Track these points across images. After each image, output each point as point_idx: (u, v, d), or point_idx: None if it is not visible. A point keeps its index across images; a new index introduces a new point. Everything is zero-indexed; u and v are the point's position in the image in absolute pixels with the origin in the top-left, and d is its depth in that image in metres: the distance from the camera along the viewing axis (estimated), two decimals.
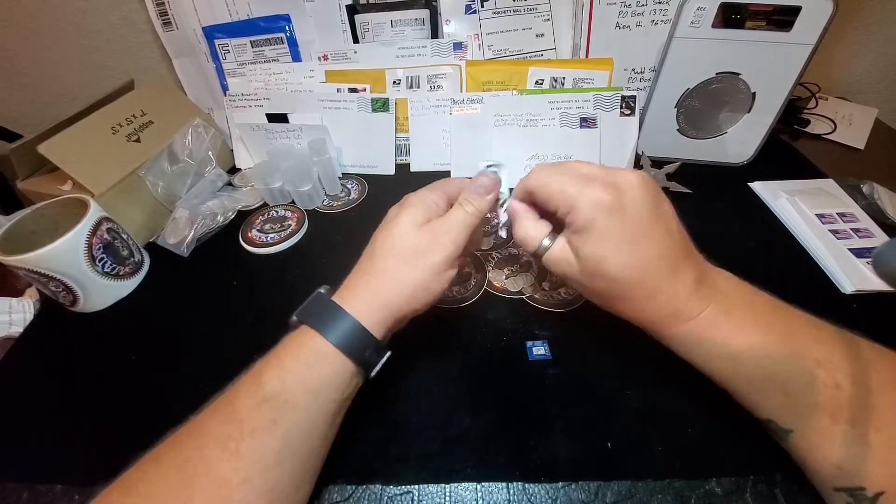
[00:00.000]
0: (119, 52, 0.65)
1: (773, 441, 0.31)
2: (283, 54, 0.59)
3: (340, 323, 0.27)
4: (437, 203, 0.31)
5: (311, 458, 0.27)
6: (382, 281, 0.29)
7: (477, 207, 0.31)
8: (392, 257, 0.29)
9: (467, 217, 0.30)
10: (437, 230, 0.30)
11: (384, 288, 0.28)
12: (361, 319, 0.27)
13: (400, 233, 0.29)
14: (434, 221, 0.30)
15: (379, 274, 0.29)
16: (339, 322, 0.27)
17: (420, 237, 0.29)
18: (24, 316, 0.44)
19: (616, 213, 0.26)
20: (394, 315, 0.29)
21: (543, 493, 0.30)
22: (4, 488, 0.31)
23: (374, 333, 0.28)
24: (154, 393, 0.37)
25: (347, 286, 0.29)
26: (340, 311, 0.28)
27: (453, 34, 0.58)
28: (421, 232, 0.29)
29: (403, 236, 0.29)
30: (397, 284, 0.29)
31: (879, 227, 0.46)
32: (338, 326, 0.27)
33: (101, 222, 0.42)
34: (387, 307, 0.28)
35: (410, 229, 0.29)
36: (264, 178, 0.53)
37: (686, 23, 0.49)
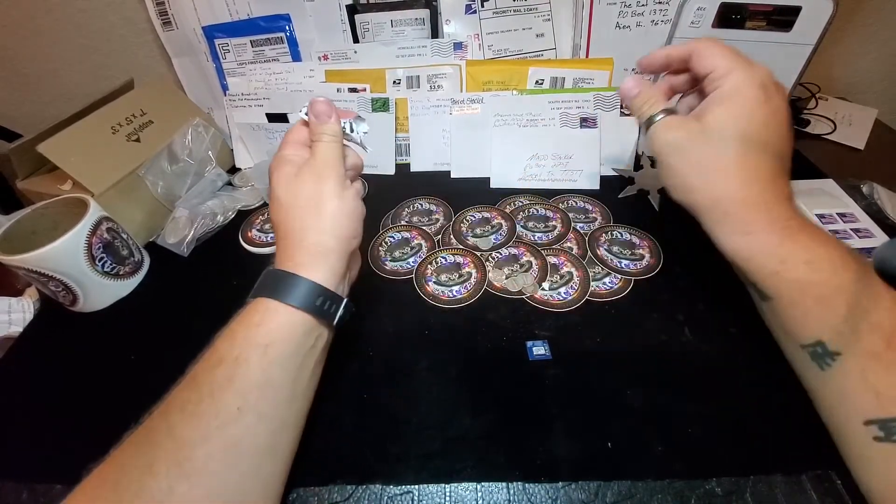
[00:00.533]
0: (119, 52, 0.65)
1: (772, 441, 0.31)
2: (283, 54, 0.59)
3: (282, 282, 0.28)
4: (293, 154, 0.32)
5: (276, 415, 0.27)
6: (300, 234, 0.29)
7: (328, 132, 0.31)
8: (292, 211, 0.30)
9: (328, 144, 0.31)
10: (312, 170, 0.30)
11: (302, 238, 0.29)
12: (301, 272, 0.28)
13: (284, 191, 0.30)
14: (303, 166, 0.31)
15: (293, 232, 0.29)
16: (280, 282, 0.28)
17: (302, 183, 0.30)
18: (23, 315, 0.44)
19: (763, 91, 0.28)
20: (331, 256, 0.29)
21: (543, 493, 0.29)
22: (4, 488, 0.31)
23: (322, 283, 0.28)
24: (154, 393, 0.36)
25: (279, 254, 0.30)
26: (280, 272, 0.29)
27: (453, 34, 0.58)
28: (299, 179, 0.30)
29: (287, 189, 0.30)
30: (314, 227, 0.29)
31: (879, 228, 0.46)
32: (285, 286, 0.28)
33: (101, 222, 0.42)
34: (326, 250, 0.29)
35: (289, 182, 0.30)
36: (264, 178, 0.53)
37: (686, 23, 0.49)
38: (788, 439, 0.31)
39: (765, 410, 0.32)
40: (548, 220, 0.50)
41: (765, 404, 0.33)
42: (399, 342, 0.39)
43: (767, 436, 0.31)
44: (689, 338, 0.38)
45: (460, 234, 0.49)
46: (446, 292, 0.43)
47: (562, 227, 0.49)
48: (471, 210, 0.52)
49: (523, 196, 0.54)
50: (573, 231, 0.49)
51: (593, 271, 0.44)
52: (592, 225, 0.49)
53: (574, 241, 0.48)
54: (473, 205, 0.53)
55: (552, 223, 0.50)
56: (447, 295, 0.42)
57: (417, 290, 0.43)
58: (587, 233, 0.48)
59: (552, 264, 0.45)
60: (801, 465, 0.30)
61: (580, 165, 0.55)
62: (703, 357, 0.36)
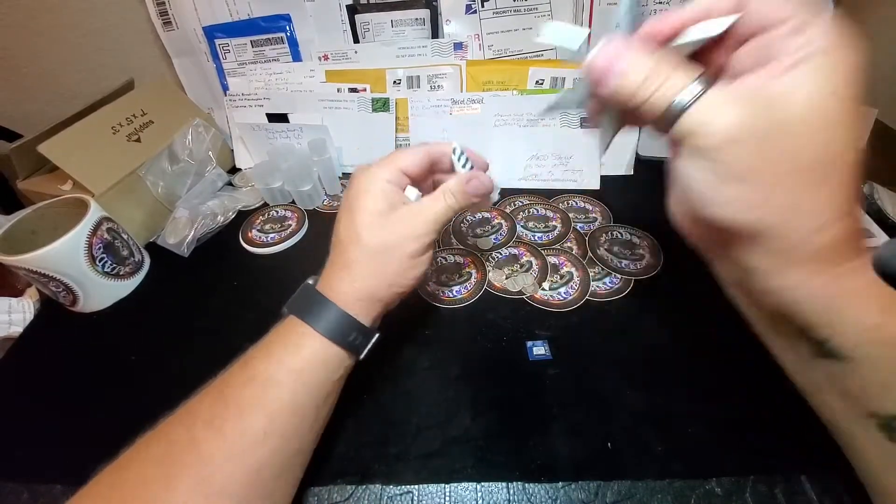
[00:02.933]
0: (119, 52, 0.65)
1: (772, 441, 0.31)
2: (284, 54, 0.59)
3: (325, 311, 0.28)
4: (393, 183, 0.30)
5: (296, 439, 0.27)
6: (357, 273, 0.28)
7: (459, 203, 0.30)
8: (362, 251, 0.28)
9: (447, 211, 0.29)
10: (409, 221, 0.29)
11: (360, 279, 0.28)
12: (345, 307, 0.28)
13: (365, 224, 0.28)
14: (403, 211, 0.29)
15: (353, 267, 0.28)
16: (323, 310, 0.28)
17: (388, 229, 0.28)
18: (23, 316, 0.44)
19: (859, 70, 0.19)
20: (375, 301, 0.29)
21: (543, 493, 0.30)
22: (4, 488, 0.31)
23: (358, 319, 0.28)
24: (154, 393, 0.37)
25: (325, 277, 0.30)
26: (324, 300, 0.28)
27: (453, 34, 0.58)
28: (389, 223, 0.28)
29: (370, 229, 0.28)
30: (372, 276, 0.29)
31: (879, 228, 0.46)
32: (322, 315, 0.28)
33: (102, 222, 0.42)
34: (367, 296, 0.29)
35: (375, 220, 0.28)
36: (264, 178, 0.53)
37: None
38: (788, 439, 0.31)
39: (765, 410, 0.32)
40: (548, 220, 0.50)
41: (765, 404, 0.33)
42: (399, 342, 0.39)
43: (767, 436, 0.31)
44: (689, 337, 0.38)
45: (460, 234, 0.49)
46: (446, 292, 0.43)
47: (562, 227, 0.49)
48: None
49: (523, 196, 0.54)
50: (573, 231, 0.49)
51: (593, 271, 0.44)
52: (592, 225, 0.49)
53: (574, 241, 0.48)
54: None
55: (552, 223, 0.50)
56: (447, 295, 0.42)
57: (417, 290, 0.43)
58: (587, 233, 0.48)
59: (552, 264, 0.45)
60: (801, 465, 0.30)
61: (580, 165, 0.55)
62: (704, 357, 0.36)
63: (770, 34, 0.19)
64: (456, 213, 0.30)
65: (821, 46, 0.18)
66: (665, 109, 0.20)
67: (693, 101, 0.19)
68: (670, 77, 0.20)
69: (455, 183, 0.30)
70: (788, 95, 0.18)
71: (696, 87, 0.19)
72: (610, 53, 0.21)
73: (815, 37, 0.18)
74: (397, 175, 0.30)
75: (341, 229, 0.30)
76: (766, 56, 0.19)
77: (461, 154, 0.31)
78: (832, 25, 0.18)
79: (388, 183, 0.29)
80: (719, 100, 0.19)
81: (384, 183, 0.29)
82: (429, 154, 0.31)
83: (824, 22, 0.18)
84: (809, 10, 0.18)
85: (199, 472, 0.23)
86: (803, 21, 0.18)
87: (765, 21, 0.19)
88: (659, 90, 0.20)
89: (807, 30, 0.18)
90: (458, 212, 0.30)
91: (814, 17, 0.18)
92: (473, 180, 0.30)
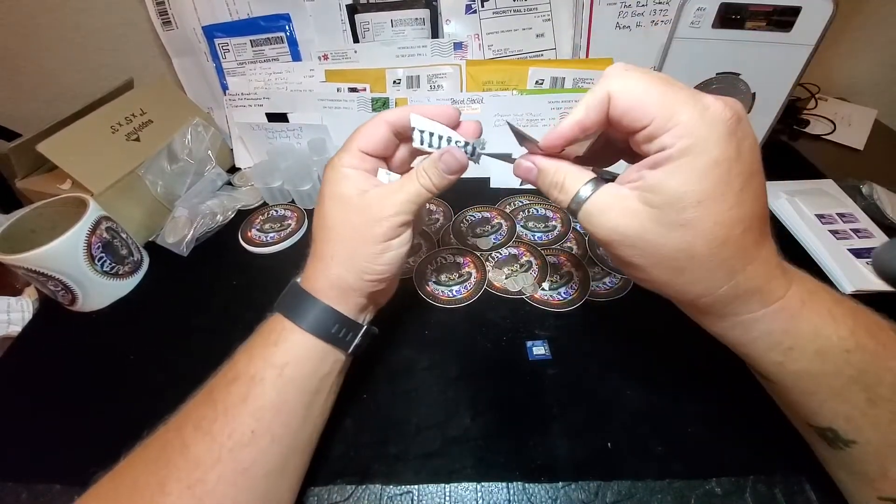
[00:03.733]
0: (119, 52, 0.65)
1: (772, 441, 0.31)
2: (283, 54, 0.59)
3: (304, 304, 0.28)
4: (356, 167, 0.28)
5: (288, 438, 0.26)
6: (329, 263, 0.28)
7: (435, 185, 0.27)
8: (331, 239, 0.28)
9: (419, 190, 0.27)
10: (376, 203, 0.27)
11: (333, 267, 0.28)
12: (323, 298, 0.28)
13: (330, 212, 0.28)
14: (371, 193, 0.27)
15: (325, 257, 0.28)
16: (303, 304, 0.28)
17: (354, 213, 0.27)
18: (22, 315, 0.44)
19: (733, 141, 0.20)
20: (351, 290, 0.28)
21: (543, 493, 0.29)
22: (4, 488, 0.31)
23: (339, 310, 0.28)
24: (153, 392, 0.37)
25: (306, 272, 0.29)
26: (303, 293, 0.28)
27: (453, 34, 0.58)
28: (354, 208, 0.27)
29: (335, 216, 0.27)
30: (343, 264, 0.28)
31: (879, 228, 0.46)
32: (302, 308, 0.27)
33: (101, 221, 0.42)
34: (341, 285, 0.28)
35: (340, 206, 0.27)
36: (264, 178, 0.53)
37: (686, 23, 0.49)
38: (788, 439, 0.31)
39: (765, 410, 0.32)
40: (548, 220, 0.50)
41: (765, 404, 0.33)
42: (399, 342, 0.39)
43: (767, 436, 0.31)
44: (688, 338, 0.37)
45: (460, 234, 0.49)
46: (446, 292, 0.43)
47: (562, 227, 0.49)
48: (471, 210, 0.52)
49: (523, 196, 0.54)
50: (573, 231, 0.49)
51: (593, 271, 0.44)
52: None
53: (574, 241, 0.48)
54: (473, 204, 0.53)
55: (552, 223, 0.50)
56: (447, 295, 0.42)
57: (417, 290, 0.43)
58: (587, 233, 0.48)
59: (552, 264, 0.45)
60: (801, 465, 0.30)
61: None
62: (703, 357, 0.36)
63: (635, 137, 0.22)
64: (435, 193, 0.28)
65: (670, 154, 0.20)
66: (567, 208, 0.25)
67: (579, 206, 0.24)
68: (565, 182, 0.24)
69: (428, 161, 0.28)
70: (667, 202, 0.20)
71: (589, 188, 0.23)
72: (525, 164, 0.27)
73: (667, 142, 0.20)
74: (358, 157, 0.28)
75: (315, 223, 0.29)
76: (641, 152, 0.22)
77: (421, 132, 0.28)
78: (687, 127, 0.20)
79: (351, 168, 0.28)
80: (600, 207, 0.23)
81: (346, 169, 0.28)
82: (389, 124, 0.28)
83: (677, 125, 0.20)
84: (664, 114, 0.20)
85: (189, 475, 0.23)
86: (657, 128, 0.20)
87: (631, 125, 0.21)
88: (560, 193, 0.25)
89: (659, 136, 0.20)
90: (439, 190, 0.28)
91: (666, 122, 0.20)
92: (445, 155, 0.27)
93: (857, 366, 0.22)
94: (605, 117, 0.22)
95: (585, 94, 0.22)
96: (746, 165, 0.20)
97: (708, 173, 0.20)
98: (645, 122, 0.20)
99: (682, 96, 0.20)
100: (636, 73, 0.21)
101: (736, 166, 0.20)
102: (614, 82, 0.21)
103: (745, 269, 0.21)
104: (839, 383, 0.22)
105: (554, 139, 0.24)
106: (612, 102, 0.21)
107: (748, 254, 0.21)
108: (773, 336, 0.22)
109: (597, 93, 0.22)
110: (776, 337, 0.22)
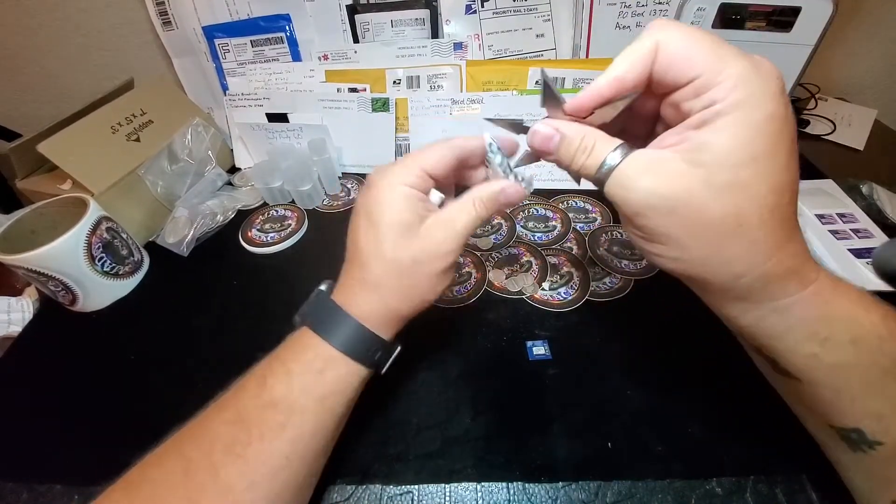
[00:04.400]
0: (119, 52, 0.65)
1: (772, 441, 0.31)
2: (283, 54, 0.59)
3: (345, 327, 0.26)
4: (417, 188, 0.26)
5: (317, 460, 0.27)
6: (381, 289, 0.26)
7: (490, 214, 0.27)
8: (389, 268, 0.26)
9: (476, 221, 0.26)
10: (437, 236, 0.26)
11: (388, 298, 0.27)
12: (366, 322, 0.26)
13: (390, 239, 0.25)
14: (430, 224, 0.26)
15: (376, 282, 0.26)
16: (343, 326, 0.26)
17: (417, 245, 0.26)
18: (22, 315, 0.44)
19: (785, 98, 0.18)
20: (402, 318, 0.28)
21: (543, 493, 0.29)
22: (4, 488, 0.31)
23: (380, 334, 0.27)
24: (153, 393, 0.37)
25: (345, 289, 0.27)
26: (344, 314, 0.26)
27: (453, 34, 0.58)
28: (417, 239, 0.26)
29: (396, 244, 0.25)
30: (400, 295, 0.27)
31: (879, 228, 0.46)
32: (343, 331, 0.26)
33: (101, 221, 0.42)
34: (394, 314, 0.27)
35: (401, 234, 0.25)
36: (264, 178, 0.53)
37: (686, 23, 0.49)
38: (788, 439, 0.31)
39: (765, 410, 0.32)
40: (548, 220, 0.50)
41: (765, 404, 0.33)
42: (399, 342, 0.38)
43: (767, 436, 0.31)
44: (689, 337, 0.38)
45: None
46: (446, 292, 0.43)
47: (562, 227, 0.49)
48: None
49: None
50: (573, 231, 0.49)
51: (593, 271, 0.44)
52: (592, 225, 0.49)
53: (574, 241, 0.48)
54: None
55: (552, 223, 0.50)
56: (447, 295, 0.42)
57: None
58: (587, 233, 0.48)
59: (552, 264, 0.45)
60: (801, 465, 0.30)
61: None
62: (703, 357, 0.36)
63: (679, 94, 0.20)
64: (484, 222, 0.27)
65: (721, 109, 0.19)
66: (594, 176, 0.22)
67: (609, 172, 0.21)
68: (595, 147, 0.22)
69: (487, 192, 0.27)
70: (715, 163, 0.19)
71: (618, 153, 0.21)
72: (544, 130, 0.24)
73: (719, 96, 0.19)
74: (422, 179, 0.26)
75: (361, 240, 0.26)
76: (680, 116, 0.20)
77: (497, 152, 0.27)
78: (740, 79, 0.18)
79: (412, 189, 0.26)
80: (637, 169, 0.21)
81: (408, 190, 0.26)
82: (457, 150, 0.27)
83: (729, 78, 0.18)
84: (714, 67, 0.19)
85: (221, 498, 0.23)
86: (706, 81, 0.19)
87: (672, 83, 0.20)
88: (589, 158, 0.22)
89: (709, 90, 0.19)
90: (487, 220, 0.28)
91: (717, 75, 0.19)
92: (508, 189, 0.27)
93: (891, 355, 0.20)
94: (648, 73, 0.20)
95: (625, 49, 0.21)
96: (794, 127, 0.19)
97: (763, 128, 0.18)
98: (693, 74, 0.19)
99: (733, 50, 0.19)
100: (681, 25, 0.20)
101: (788, 125, 0.19)
102: (662, 31, 0.20)
103: (787, 244, 0.20)
104: (874, 375, 0.21)
105: (587, 98, 0.22)
106: (658, 53, 0.20)
107: (792, 227, 0.20)
108: (809, 324, 0.21)
109: (643, 43, 0.20)
110: (811, 325, 0.21)
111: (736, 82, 0.18)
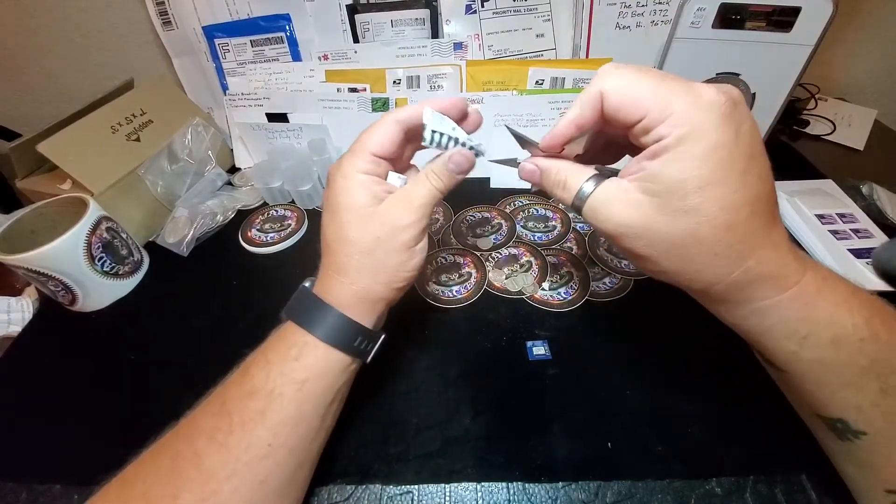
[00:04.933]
0: (119, 52, 0.65)
1: (772, 441, 0.31)
2: (283, 54, 0.59)
3: (324, 316, 0.27)
4: (369, 173, 0.27)
5: (302, 449, 0.26)
6: (350, 272, 0.27)
7: (445, 185, 0.28)
8: (353, 251, 0.27)
9: (433, 193, 0.28)
10: (395, 211, 0.27)
11: (358, 281, 0.27)
12: (345, 311, 0.27)
13: (350, 222, 0.27)
14: (388, 201, 0.27)
15: (348, 269, 0.27)
16: (322, 316, 0.27)
17: (376, 223, 0.27)
18: (22, 315, 0.44)
19: (731, 125, 0.20)
20: (377, 301, 0.28)
21: (543, 493, 0.29)
22: (3, 488, 0.31)
23: (361, 322, 0.27)
24: (153, 392, 0.37)
25: (321, 280, 0.28)
26: (320, 302, 0.27)
27: (453, 34, 0.58)
28: (375, 217, 0.27)
29: (356, 226, 0.27)
30: (370, 276, 0.27)
31: (879, 228, 0.46)
32: (322, 320, 0.27)
33: (101, 221, 0.42)
34: (367, 296, 0.28)
35: (359, 216, 0.27)
36: (264, 178, 0.53)
37: (686, 23, 0.49)
38: (788, 439, 0.31)
39: (764, 410, 0.32)
40: (548, 220, 0.50)
41: (765, 404, 0.33)
42: (399, 342, 0.39)
43: (767, 436, 0.31)
44: (689, 337, 0.38)
45: (460, 234, 0.49)
46: (446, 292, 0.43)
47: (562, 227, 0.49)
48: (471, 210, 0.52)
49: (523, 196, 0.54)
50: (573, 231, 0.49)
51: (593, 271, 0.44)
52: None
53: (574, 241, 0.48)
54: (473, 205, 0.53)
55: (552, 223, 0.50)
56: (447, 295, 0.42)
57: (417, 290, 0.43)
58: (587, 233, 0.48)
59: (552, 264, 0.45)
60: (801, 464, 0.30)
61: None
62: (703, 357, 0.36)
63: (633, 131, 0.22)
64: (444, 194, 0.28)
65: (667, 144, 0.20)
66: (572, 205, 0.25)
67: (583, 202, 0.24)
68: (567, 180, 0.25)
69: (438, 162, 0.28)
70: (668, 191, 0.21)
71: (591, 184, 0.24)
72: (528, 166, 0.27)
73: (664, 132, 0.20)
74: (372, 162, 0.27)
75: (328, 231, 0.28)
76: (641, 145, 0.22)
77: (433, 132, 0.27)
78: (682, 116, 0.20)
79: (364, 174, 0.27)
80: (604, 200, 0.23)
81: (362, 176, 0.27)
82: (402, 123, 0.28)
83: (672, 115, 0.20)
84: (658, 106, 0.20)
85: (203, 487, 0.23)
86: (651, 120, 0.20)
87: (623, 122, 0.22)
88: (563, 190, 0.25)
89: (655, 128, 0.20)
90: (447, 191, 0.28)
91: (661, 114, 0.20)
92: (455, 156, 0.28)
93: (870, 355, 0.22)
94: (599, 114, 0.23)
95: (580, 94, 0.23)
96: (746, 148, 0.20)
97: (707, 158, 0.20)
98: (639, 115, 0.21)
99: (674, 87, 0.20)
100: (628, 69, 0.22)
101: (736, 149, 0.20)
102: (606, 80, 0.22)
103: (754, 253, 0.21)
104: (852, 373, 0.22)
105: (552, 139, 0.25)
106: (605, 99, 0.22)
107: (757, 238, 0.21)
108: (789, 324, 0.22)
109: (590, 91, 0.22)
110: (791, 325, 0.22)
111: (677, 120, 0.20)
